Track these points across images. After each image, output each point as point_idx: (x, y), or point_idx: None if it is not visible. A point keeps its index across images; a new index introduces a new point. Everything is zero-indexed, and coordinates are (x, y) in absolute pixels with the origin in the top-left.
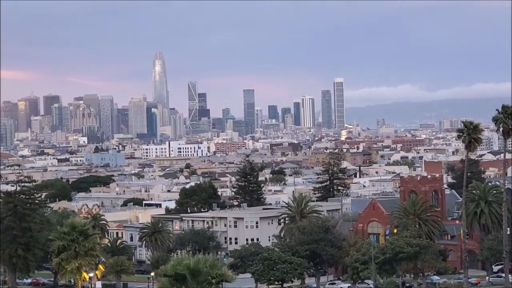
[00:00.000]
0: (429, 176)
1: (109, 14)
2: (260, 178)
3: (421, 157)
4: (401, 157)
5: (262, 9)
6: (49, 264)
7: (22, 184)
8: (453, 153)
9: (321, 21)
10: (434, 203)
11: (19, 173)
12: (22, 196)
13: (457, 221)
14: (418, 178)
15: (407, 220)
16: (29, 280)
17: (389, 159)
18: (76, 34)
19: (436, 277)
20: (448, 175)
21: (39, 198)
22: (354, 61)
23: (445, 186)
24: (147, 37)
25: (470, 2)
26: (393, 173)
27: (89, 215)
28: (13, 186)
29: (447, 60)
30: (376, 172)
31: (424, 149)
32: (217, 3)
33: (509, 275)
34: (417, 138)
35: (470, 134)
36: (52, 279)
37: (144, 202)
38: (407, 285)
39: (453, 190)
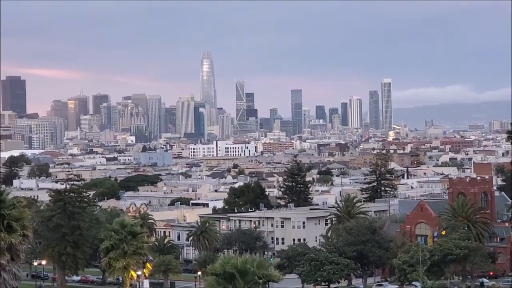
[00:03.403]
0: (478, 178)
1: (158, 15)
2: (307, 179)
3: (470, 159)
4: (450, 159)
5: (310, 9)
6: (97, 262)
7: (72, 182)
8: (503, 154)
9: (369, 22)
10: (483, 205)
11: (69, 171)
12: (71, 194)
13: (506, 224)
14: (467, 180)
15: (456, 222)
16: (78, 278)
17: (438, 160)
18: (124, 34)
19: (485, 280)
20: (497, 177)
21: (88, 197)
22: (402, 62)
23: (495, 188)
24: (195, 37)
25: None
26: (441, 174)
27: (137, 214)
28: (63, 184)
29: (497, 61)
30: (424, 173)
31: (474, 151)
32: (265, 3)
33: None
34: (466, 139)
35: None
36: (101, 276)
37: (191, 201)
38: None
39: (502, 192)
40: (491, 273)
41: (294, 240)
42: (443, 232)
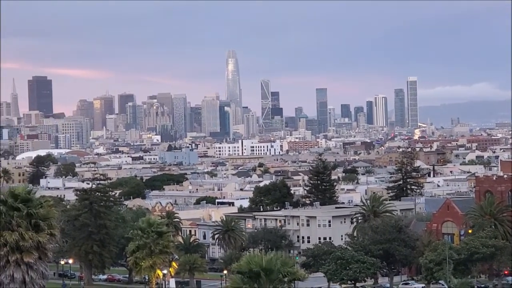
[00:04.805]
0: (505, 176)
1: (183, 14)
2: (332, 177)
3: (497, 157)
4: (476, 157)
5: (335, 8)
6: (123, 260)
7: (98, 181)
8: None
9: (394, 19)
10: (510, 203)
11: (95, 171)
12: (97, 193)
13: None
14: (494, 178)
15: (483, 220)
16: (105, 276)
17: (464, 158)
18: (150, 33)
19: (511, 278)
20: None
21: (114, 196)
22: (428, 60)
23: None
24: (221, 36)
25: None
26: (468, 172)
27: (162, 213)
28: (89, 183)
29: None
30: (451, 172)
31: (500, 148)
32: (290, 2)
33: None
34: (493, 137)
35: None
36: (127, 275)
37: (217, 200)
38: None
39: None
40: (506, 272)
41: (319, 238)
42: (470, 231)
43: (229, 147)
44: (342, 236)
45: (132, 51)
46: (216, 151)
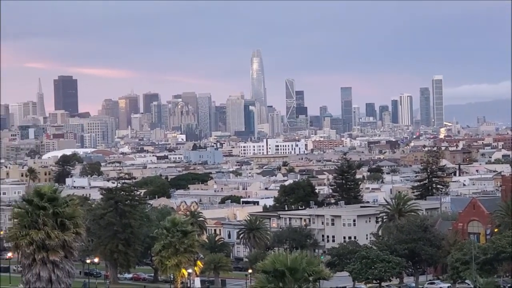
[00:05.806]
0: None
1: (208, 13)
2: (357, 176)
3: None
4: (503, 156)
5: (360, 7)
6: (149, 259)
7: (123, 181)
8: None
9: (419, 18)
10: None
11: (120, 170)
12: (122, 192)
13: None
14: None
15: (509, 219)
16: (130, 275)
17: (490, 157)
18: (174, 33)
19: None
20: None
21: (139, 195)
22: (454, 58)
23: None
24: (245, 35)
25: None
26: (494, 171)
27: (187, 212)
28: (114, 183)
29: None
30: (477, 171)
31: None
32: (314, 2)
33: None
34: None
35: None
36: (152, 274)
37: (241, 199)
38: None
39: None
40: None
41: (344, 238)
42: (496, 230)
43: (253, 146)
44: (367, 235)
45: (157, 50)
46: (241, 150)
